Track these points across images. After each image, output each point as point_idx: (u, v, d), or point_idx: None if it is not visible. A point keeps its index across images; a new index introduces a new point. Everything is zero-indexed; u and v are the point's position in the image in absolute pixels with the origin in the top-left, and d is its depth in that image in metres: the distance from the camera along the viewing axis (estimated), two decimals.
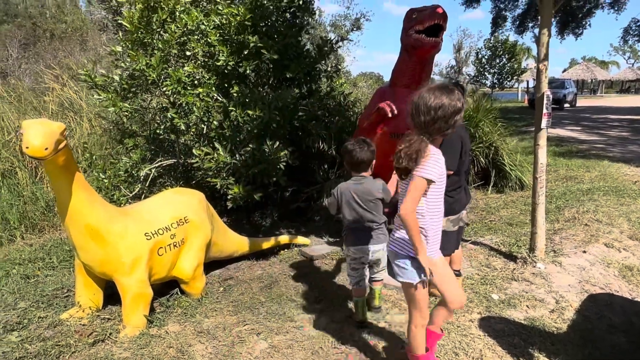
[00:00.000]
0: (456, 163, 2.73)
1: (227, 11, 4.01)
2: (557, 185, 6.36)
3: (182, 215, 3.09)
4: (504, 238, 4.14)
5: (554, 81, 25.63)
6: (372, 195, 2.67)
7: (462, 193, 2.88)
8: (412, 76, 3.32)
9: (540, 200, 3.36)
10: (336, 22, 18.51)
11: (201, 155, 3.94)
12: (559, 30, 16.63)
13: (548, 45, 3.08)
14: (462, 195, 2.89)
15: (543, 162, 3.32)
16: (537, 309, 2.79)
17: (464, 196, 2.90)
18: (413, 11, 3.16)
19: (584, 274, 3.23)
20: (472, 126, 6.14)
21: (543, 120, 3.18)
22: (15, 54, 20.02)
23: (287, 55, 4.27)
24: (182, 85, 4.20)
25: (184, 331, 2.79)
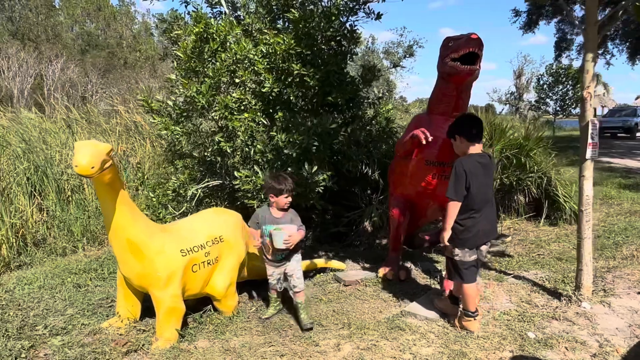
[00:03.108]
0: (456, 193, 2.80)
1: (273, 41, 4.21)
2: (618, 220, 5.91)
3: (218, 235, 3.22)
4: (550, 274, 3.90)
5: (624, 109, 24.02)
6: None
7: (477, 226, 2.84)
8: (448, 104, 3.29)
9: (586, 234, 3.15)
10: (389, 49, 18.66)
11: (242, 177, 4.10)
12: (630, 56, 15.68)
13: (593, 72, 2.95)
14: (478, 229, 2.85)
15: (589, 194, 3.13)
16: (576, 352, 2.59)
17: (480, 230, 2.86)
18: (449, 39, 3.17)
19: (635, 318, 2.96)
20: (523, 155, 5.90)
21: (588, 150, 3.02)
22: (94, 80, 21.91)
23: (328, 82, 4.38)
24: (229, 111, 4.44)
25: (211, 348, 2.87)
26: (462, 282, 2.90)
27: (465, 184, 2.77)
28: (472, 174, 2.79)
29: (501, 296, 3.50)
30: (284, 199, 3.09)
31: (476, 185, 2.79)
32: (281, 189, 3.06)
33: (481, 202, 2.86)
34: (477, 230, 2.85)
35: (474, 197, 2.82)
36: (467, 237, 2.84)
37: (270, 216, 3.13)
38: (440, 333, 2.94)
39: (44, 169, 6.19)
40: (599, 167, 11.36)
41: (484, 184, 2.86)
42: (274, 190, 3.09)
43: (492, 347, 2.68)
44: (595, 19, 2.97)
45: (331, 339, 2.93)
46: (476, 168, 2.82)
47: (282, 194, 3.07)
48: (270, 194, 3.12)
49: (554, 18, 14.73)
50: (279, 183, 3.07)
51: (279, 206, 3.12)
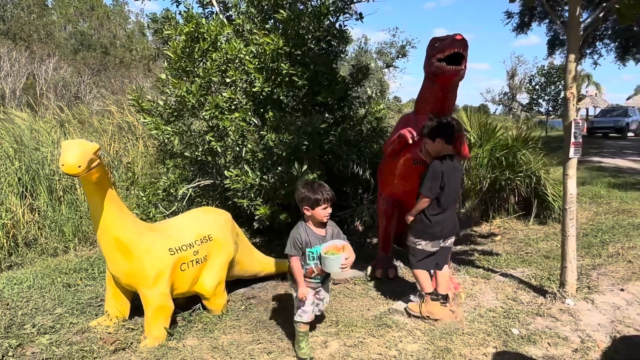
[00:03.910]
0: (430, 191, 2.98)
1: (262, 41, 4.24)
2: (606, 219, 5.98)
3: (206, 233, 3.24)
4: (536, 271, 3.95)
5: (616, 109, 24.26)
6: None
7: (444, 222, 3.07)
8: (435, 103, 3.33)
9: (570, 232, 3.20)
10: (382, 50, 18.73)
11: (232, 177, 4.12)
12: (620, 56, 15.84)
13: (575, 72, 3.00)
14: (444, 225, 3.08)
15: (573, 192, 3.18)
16: (558, 347, 2.64)
17: (445, 226, 3.09)
18: (435, 40, 3.20)
19: (617, 314, 3.02)
20: (512, 154, 5.96)
21: (571, 149, 3.07)
22: (87, 79, 21.81)
23: (317, 81, 4.41)
24: (219, 110, 4.46)
25: (200, 346, 2.89)
26: (413, 267, 3.18)
27: (440, 183, 2.96)
28: (448, 175, 2.97)
29: (488, 293, 3.54)
30: (321, 211, 2.57)
31: (449, 186, 2.99)
32: (317, 199, 2.54)
33: (450, 202, 3.08)
34: (444, 226, 3.07)
35: (446, 197, 3.02)
36: (434, 232, 3.06)
37: (314, 235, 2.61)
38: (426, 330, 2.97)
39: (35, 169, 6.17)
40: (589, 167, 11.48)
41: (455, 185, 3.08)
42: (308, 201, 2.56)
43: (476, 344, 2.73)
44: (577, 20, 3.02)
45: (319, 337, 2.96)
46: (451, 170, 3.00)
47: (318, 205, 2.55)
48: (305, 206, 2.59)
49: (546, 19, 14.84)
50: (315, 192, 2.55)
51: (316, 220, 2.61)
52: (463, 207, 6.15)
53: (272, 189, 4.20)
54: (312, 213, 2.59)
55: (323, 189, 2.59)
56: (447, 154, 3.02)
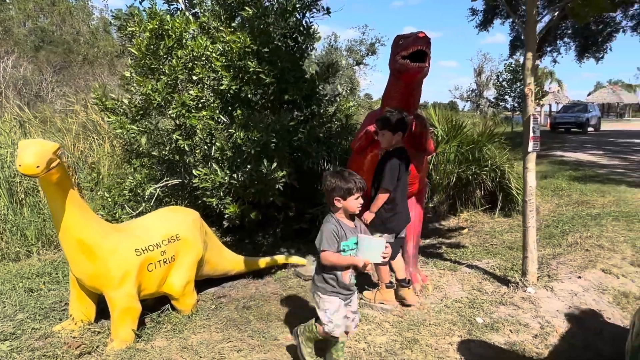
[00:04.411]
0: (392, 184, 3.05)
1: (229, 38, 4.20)
2: (567, 210, 6.24)
3: (174, 233, 3.20)
4: (501, 262, 4.09)
5: (577, 105, 25.23)
6: None
7: (401, 214, 3.18)
8: (400, 100, 3.38)
9: (530, 223, 3.33)
10: (352, 47, 18.87)
11: (201, 175, 4.07)
12: (579, 54, 16.47)
13: (533, 69, 3.11)
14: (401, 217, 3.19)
15: (532, 185, 3.30)
16: (519, 334, 2.74)
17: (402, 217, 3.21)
18: (400, 37, 3.25)
19: (574, 300, 3.16)
20: (477, 150, 6.13)
21: (530, 143, 3.19)
22: (49, 77, 21.01)
23: (284, 79, 4.41)
24: (186, 109, 4.40)
25: (169, 347, 2.86)
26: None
27: (397, 176, 3.06)
28: (402, 167, 3.10)
29: (454, 285, 3.64)
30: (354, 202, 2.34)
31: (402, 179, 3.11)
32: (350, 189, 2.33)
33: (404, 193, 3.21)
34: (400, 218, 3.18)
35: (401, 188, 3.14)
36: (392, 225, 3.14)
37: (347, 228, 2.37)
38: (395, 322, 3.04)
39: None
40: (552, 161, 11.91)
41: (406, 178, 3.22)
42: (340, 191, 2.33)
43: (442, 333, 2.80)
44: (534, 19, 3.13)
45: (289, 333, 2.97)
46: (405, 163, 3.13)
47: (351, 195, 2.33)
48: (336, 197, 2.35)
49: (509, 17, 15.28)
50: (347, 181, 2.34)
51: (348, 212, 2.38)
52: (431, 202, 6.29)
53: (242, 187, 4.18)
54: (343, 204, 2.35)
55: (354, 177, 2.38)
56: (400, 146, 3.14)
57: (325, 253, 2.32)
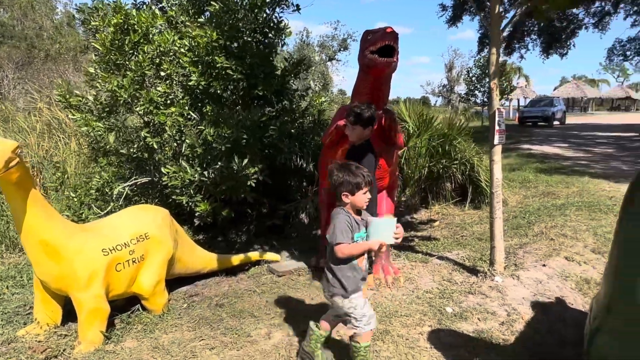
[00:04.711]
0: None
1: (196, 33, 4.13)
2: (533, 201, 6.43)
3: (143, 232, 3.14)
4: (470, 253, 4.18)
5: (543, 99, 26.01)
6: None
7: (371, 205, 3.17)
8: (370, 95, 3.42)
9: (497, 214, 3.42)
10: (324, 43, 18.87)
11: (169, 173, 4.01)
12: (543, 50, 16.97)
13: (498, 64, 3.19)
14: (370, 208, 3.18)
15: (499, 177, 3.39)
16: (487, 322, 2.82)
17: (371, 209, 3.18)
18: (368, 33, 3.28)
19: (539, 287, 3.27)
20: (447, 143, 6.24)
21: (496, 136, 3.27)
22: (11, 74, 20.20)
23: (254, 74, 4.38)
24: (154, 105, 4.31)
25: (139, 347, 2.81)
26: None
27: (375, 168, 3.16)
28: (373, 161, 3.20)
29: (425, 276, 3.71)
30: (362, 196, 2.28)
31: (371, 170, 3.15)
32: (358, 183, 2.26)
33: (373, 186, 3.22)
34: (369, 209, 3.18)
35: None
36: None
37: (356, 221, 2.31)
38: None
39: None
40: (520, 154, 12.24)
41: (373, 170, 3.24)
42: (348, 186, 2.26)
43: (413, 324, 2.85)
44: (498, 16, 3.21)
45: (262, 329, 2.97)
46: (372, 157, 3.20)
47: (360, 190, 2.26)
48: (344, 192, 2.27)
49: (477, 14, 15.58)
50: (355, 175, 2.26)
51: (355, 207, 2.31)
52: (403, 195, 6.37)
53: (213, 185, 4.13)
54: (351, 199, 2.27)
55: (362, 171, 2.30)
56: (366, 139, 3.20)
57: (340, 246, 2.22)
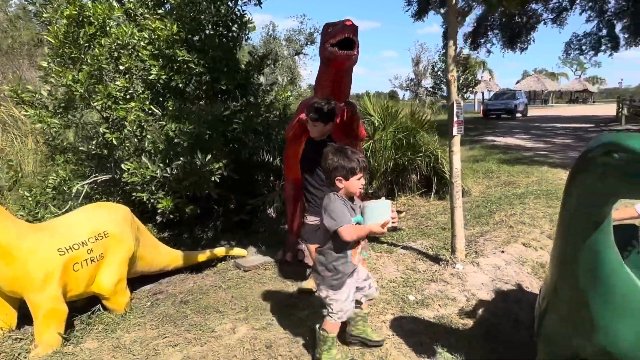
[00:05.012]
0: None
1: (155, 26, 4.04)
2: (495, 191, 6.63)
3: (101, 230, 3.06)
4: (434, 242, 4.28)
5: (506, 92, 26.77)
6: None
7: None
8: (332, 88, 3.43)
9: (457, 204, 3.52)
10: (291, 37, 18.76)
11: (130, 170, 3.91)
12: (505, 44, 17.46)
13: (455, 57, 3.26)
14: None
15: (458, 167, 3.48)
16: (447, 307, 2.91)
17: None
18: (328, 25, 3.29)
19: (498, 273, 3.39)
20: (411, 136, 6.35)
21: (454, 127, 3.35)
22: None
23: (216, 68, 4.32)
24: (113, 100, 4.19)
25: (100, 347, 2.75)
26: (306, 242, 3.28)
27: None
28: None
29: (390, 266, 3.77)
30: (356, 182, 2.23)
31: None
32: (353, 168, 2.20)
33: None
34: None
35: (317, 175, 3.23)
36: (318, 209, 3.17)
37: (350, 206, 2.27)
38: None
39: None
40: (484, 146, 12.58)
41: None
42: (342, 170, 2.20)
43: (377, 312, 2.90)
44: (455, 9, 3.28)
45: (227, 324, 2.95)
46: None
47: (354, 175, 2.21)
48: (338, 176, 2.22)
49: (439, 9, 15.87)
50: (349, 160, 2.20)
51: (349, 193, 2.26)
52: (370, 188, 6.44)
53: (176, 181, 4.06)
54: (345, 185, 2.22)
55: (357, 155, 2.23)
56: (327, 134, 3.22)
57: (345, 228, 2.14)
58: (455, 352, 2.40)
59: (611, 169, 1.35)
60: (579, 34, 17.38)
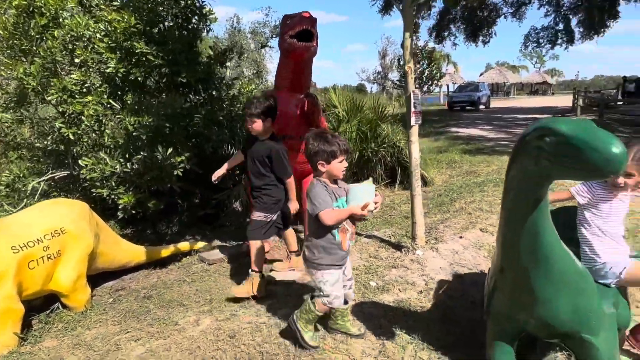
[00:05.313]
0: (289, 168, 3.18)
1: (111, 17, 3.94)
2: (457, 180, 6.83)
3: (58, 227, 2.99)
4: (397, 230, 4.39)
5: (469, 85, 27.41)
6: None
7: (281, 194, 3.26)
8: (292, 80, 3.46)
9: (416, 192, 3.62)
10: (256, 30, 18.56)
11: (88, 165, 3.82)
12: (468, 37, 17.87)
13: (411, 49, 3.34)
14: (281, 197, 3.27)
15: (416, 156, 3.58)
16: (407, 292, 3.01)
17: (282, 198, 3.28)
18: (287, 17, 3.30)
19: (456, 257, 3.52)
20: (375, 128, 6.45)
21: (412, 118, 3.44)
22: None
23: (176, 61, 4.26)
24: (68, 94, 4.08)
25: (59, 346, 2.70)
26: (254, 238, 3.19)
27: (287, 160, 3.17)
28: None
29: (354, 254, 3.84)
30: (338, 165, 2.24)
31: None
32: (334, 152, 2.20)
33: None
34: (281, 198, 3.27)
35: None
36: (277, 206, 3.25)
37: (334, 190, 2.27)
38: (297, 295, 3.15)
39: None
40: (448, 137, 12.89)
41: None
42: (323, 155, 2.21)
43: None
44: (409, 3, 3.35)
45: (191, 316, 2.95)
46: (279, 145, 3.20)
47: (335, 158, 2.22)
48: (319, 160, 2.23)
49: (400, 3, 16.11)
50: (330, 143, 2.20)
51: (332, 176, 2.27)
52: None
53: (136, 176, 4.00)
54: (327, 168, 2.23)
55: (337, 139, 2.24)
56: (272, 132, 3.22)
57: (324, 212, 2.16)
58: (413, 333, 2.49)
59: (544, 152, 1.44)
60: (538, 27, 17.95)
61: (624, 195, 2.07)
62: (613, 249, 2.05)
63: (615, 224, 2.06)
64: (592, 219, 2.07)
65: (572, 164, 1.37)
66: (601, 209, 2.05)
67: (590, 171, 1.35)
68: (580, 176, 1.49)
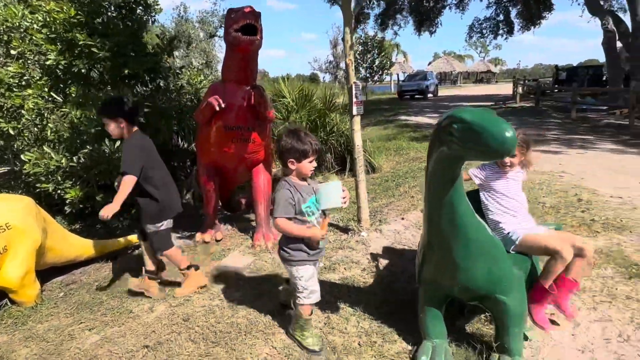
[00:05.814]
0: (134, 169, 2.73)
1: (50, 8, 3.86)
2: (404, 166, 7.16)
3: (2, 222, 2.96)
4: (345, 215, 4.61)
5: (418, 74, 28.23)
6: None
7: (174, 196, 3.06)
8: (238, 72, 3.55)
9: (360, 177, 3.85)
10: (204, 19, 18.20)
11: (32, 160, 3.76)
12: (416, 28, 18.41)
13: (352, 42, 3.54)
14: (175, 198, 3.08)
15: (359, 144, 3.80)
16: (351, 270, 3.23)
17: (176, 198, 3.09)
18: (232, 11, 3.38)
19: (397, 237, 3.80)
20: (321, 117, 6.65)
21: (354, 107, 3.65)
22: None
23: (121, 52, 4.24)
24: (6, 87, 3.97)
25: (10, 340, 2.72)
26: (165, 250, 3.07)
27: (138, 159, 2.78)
28: (150, 149, 2.93)
29: None
30: (307, 165, 2.25)
31: (157, 160, 2.96)
32: (305, 151, 2.21)
33: (165, 175, 3.03)
34: (174, 199, 3.09)
35: (159, 172, 2.97)
36: (171, 209, 3.06)
37: (303, 189, 2.27)
38: (249, 279, 3.30)
39: None
40: (398, 125, 13.31)
41: (158, 157, 2.99)
42: (295, 153, 2.22)
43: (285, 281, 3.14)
44: None
45: (145, 304, 3.04)
46: (147, 143, 2.92)
47: (306, 158, 2.23)
48: (290, 159, 2.23)
49: None
50: (303, 142, 2.21)
51: (300, 174, 2.29)
52: None
53: (84, 170, 3.97)
54: (297, 166, 2.24)
55: (310, 138, 2.25)
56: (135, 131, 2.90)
57: (279, 220, 2.20)
58: (356, 306, 2.72)
59: (454, 137, 1.67)
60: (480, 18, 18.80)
61: (515, 174, 2.42)
62: (509, 221, 2.38)
63: (511, 200, 2.41)
64: (490, 197, 2.44)
65: (475, 146, 1.60)
66: (496, 189, 2.40)
67: (490, 152, 1.59)
68: (483, 156, 1.74)
